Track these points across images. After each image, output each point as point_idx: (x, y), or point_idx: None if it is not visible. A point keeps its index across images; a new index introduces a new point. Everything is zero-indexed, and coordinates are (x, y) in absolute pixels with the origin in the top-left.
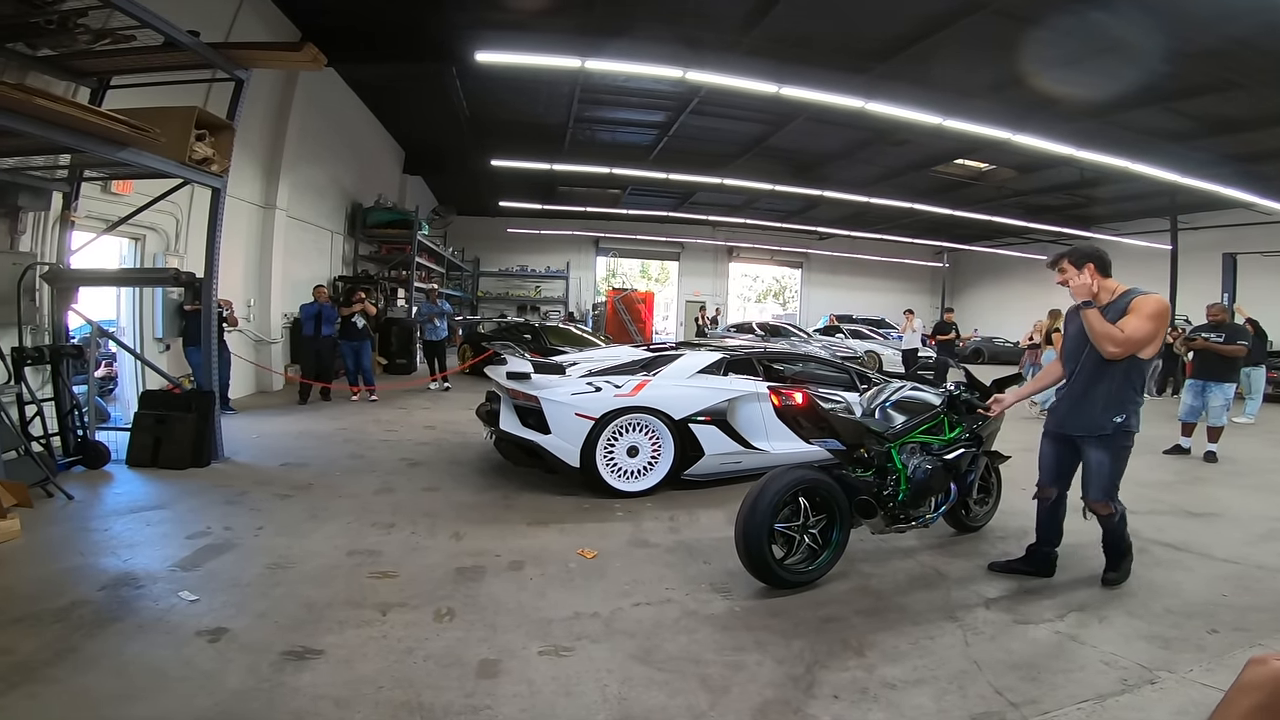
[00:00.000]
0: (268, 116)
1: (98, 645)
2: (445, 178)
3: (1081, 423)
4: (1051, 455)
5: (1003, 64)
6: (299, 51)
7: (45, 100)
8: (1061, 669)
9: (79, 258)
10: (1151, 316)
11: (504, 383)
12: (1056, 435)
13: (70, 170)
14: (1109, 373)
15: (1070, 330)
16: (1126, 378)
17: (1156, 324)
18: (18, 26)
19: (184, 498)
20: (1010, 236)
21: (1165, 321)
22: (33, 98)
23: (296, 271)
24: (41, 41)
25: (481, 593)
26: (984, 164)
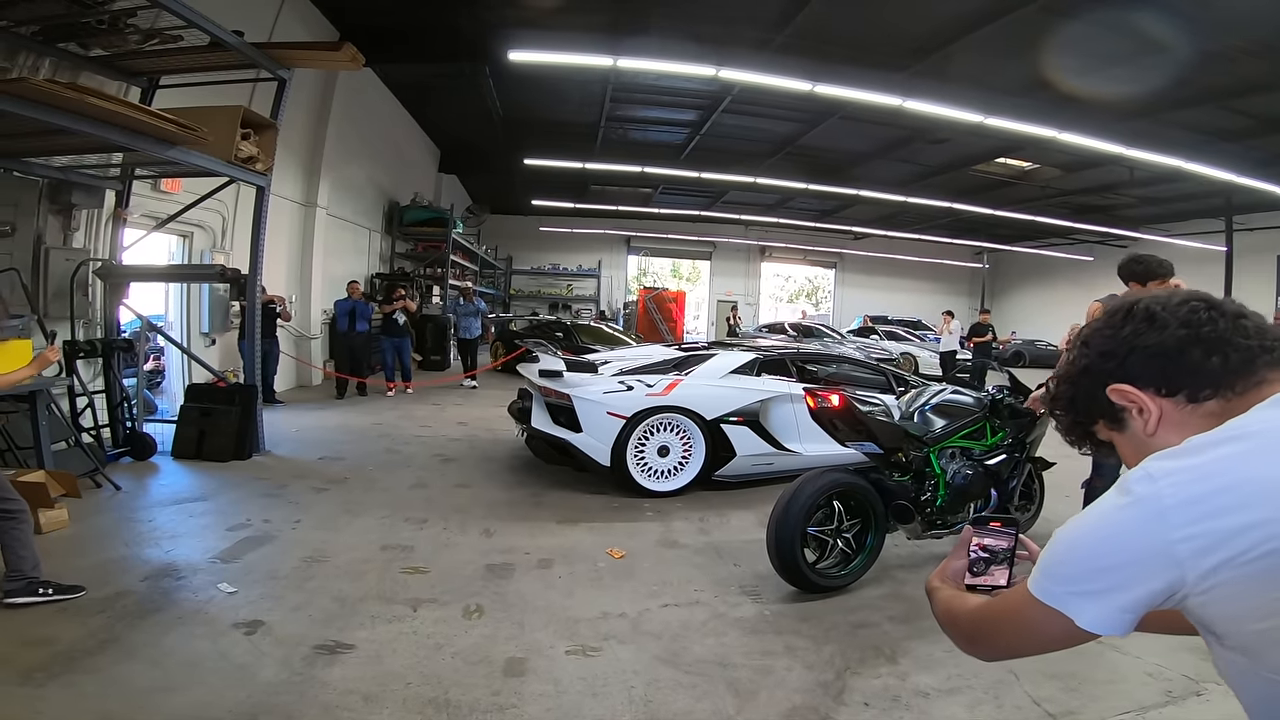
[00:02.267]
0: (308, 116)
1: (139, 635)
2: (479, 177)
3: None
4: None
5: (1046, 61)
6: (339, 51)
7: (97, 99)
8: (1103, 679)
9: (130, 254)
10: None
11: (536, 380)
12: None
13: (122, 169)
14: None
15: None
16: None
17: None
18: (70, 27)
19: (226, 490)
20: (1054, 237)
21: None
22: (84, 96)
23: (335, 268)
24: (93, 42)
25: (510, 590)
26: (1027, 163)
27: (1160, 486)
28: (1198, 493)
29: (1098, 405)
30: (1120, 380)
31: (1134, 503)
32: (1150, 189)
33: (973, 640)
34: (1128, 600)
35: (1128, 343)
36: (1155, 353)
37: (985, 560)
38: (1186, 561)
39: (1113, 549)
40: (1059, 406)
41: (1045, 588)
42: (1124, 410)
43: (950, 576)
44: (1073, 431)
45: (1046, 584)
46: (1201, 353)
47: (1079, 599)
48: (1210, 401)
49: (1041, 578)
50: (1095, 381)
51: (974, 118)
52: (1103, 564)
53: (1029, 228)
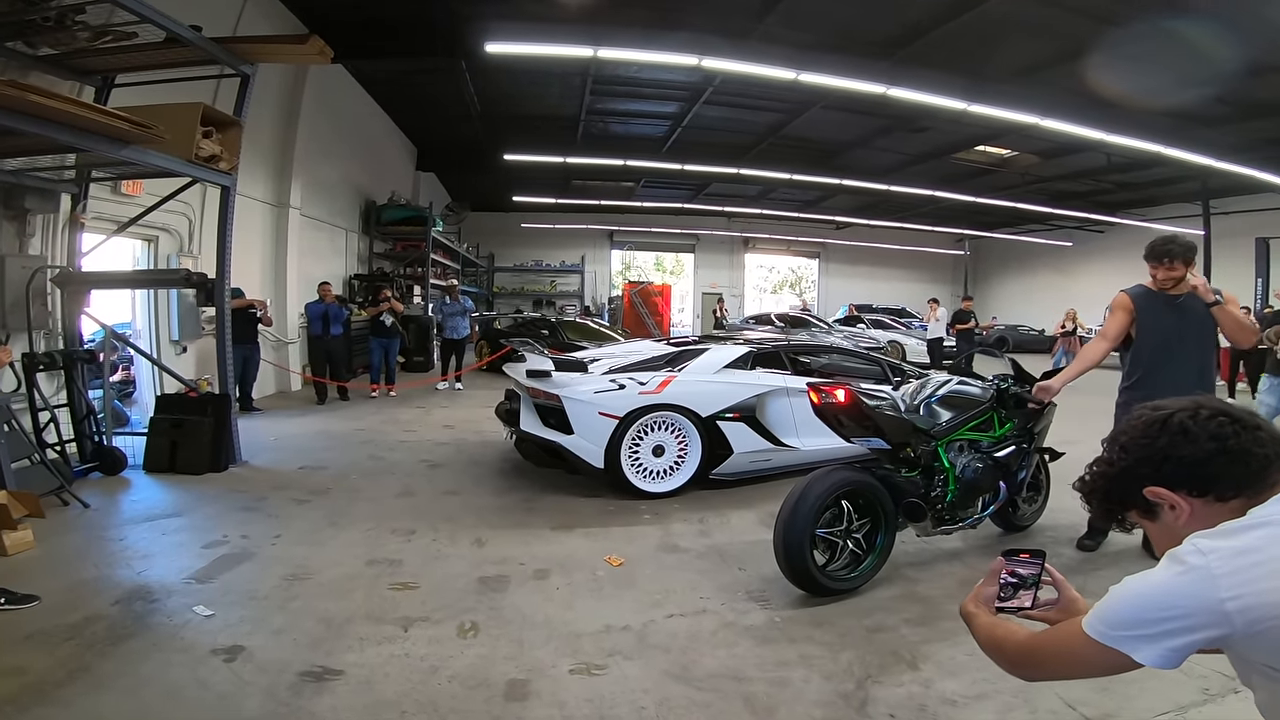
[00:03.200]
0: (278, 114)
1: (111, 664)
2: (458, 173)
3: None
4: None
5: (1028, 49)
6: (305, 45)
7: (40, 97)
8: (1135, 679)
9: (90, 260)
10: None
11: (524, 381)
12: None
13: (77, 171)
14: (1212, 363)
15: (1156, 322)
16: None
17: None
18: (14, 25)
19: (201, 504)
20: (1033, 223)
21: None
22: (26, 94)
23: (312, 270)
24: (40, 40)
25: (506, 604)
26: (1006, 150)
27: (1210, 560)
28: (1241, 564)
29: (1133, 500)
30: (1156, 484)
31: (1188, 570)
32: (1127, 174)
33: (1020, 665)
34: (1181, 644)
35: (1163, 453)
36: (1189, 463)
37: (1014, 586)
38: (1235, 616)
39: (1171, 605)
40: (1095, 497)
41: (1104, 632)
42: (1158, 506)
43: (984, 601)
44: (1104, 516)
45: (1105, 629)
46: (1227, 462)
47: (1138, 642)
48: (1233, 500)
49: (1100, 624)
50: (1134, 482)
51: (957, 105)
52: (1162, 616)
53: (1009, 214)
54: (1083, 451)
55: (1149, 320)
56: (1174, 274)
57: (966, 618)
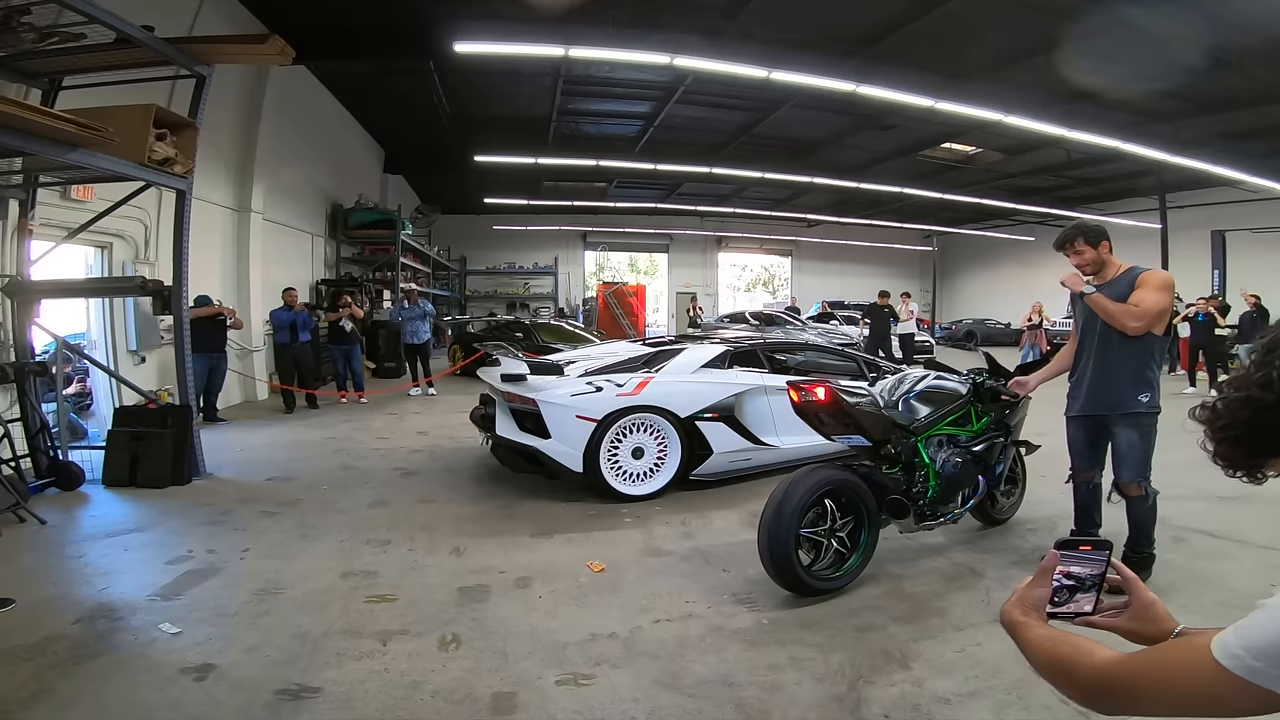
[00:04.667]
0: (238, 117)
1: (75, 685)
2: (428, 176)
3: (1108, 402)
4: (1083, 439)
5: (993, 47)
6: (264, 45)
7: None
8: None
9: (40, 268)
10: (1161, 288)
11: (499, 385)
12: (1083, 418)
13: (24, 175)
14: (1131, 351)
15: (1077, 313)
16: (1149, 354)
17: (1168, 296)
18: None
19: (164, 519)
20: (998, 219)
21: (1173, 294)
22: None
23: (277, 276)
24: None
25: (488, 615)
26: (971, 147)
27: None
28: None
29: None
30: None
31: None
32: (1087, 169)
33: (1099, 696)
34: None
35: None
36: None
37: (1071, 588)
38: None
39: None
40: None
41: (1250, 665)
42: None
43: (1033, 606)
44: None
45: (1252, 659)
46: None
47: None
48: None
49: (1244, 651)
50: None
51: (925, 102)
52: None
53: (975, 210)
54: (1056, 443)
55: (1075, 312)
56: (1083, 258)
57: (1012, 628)
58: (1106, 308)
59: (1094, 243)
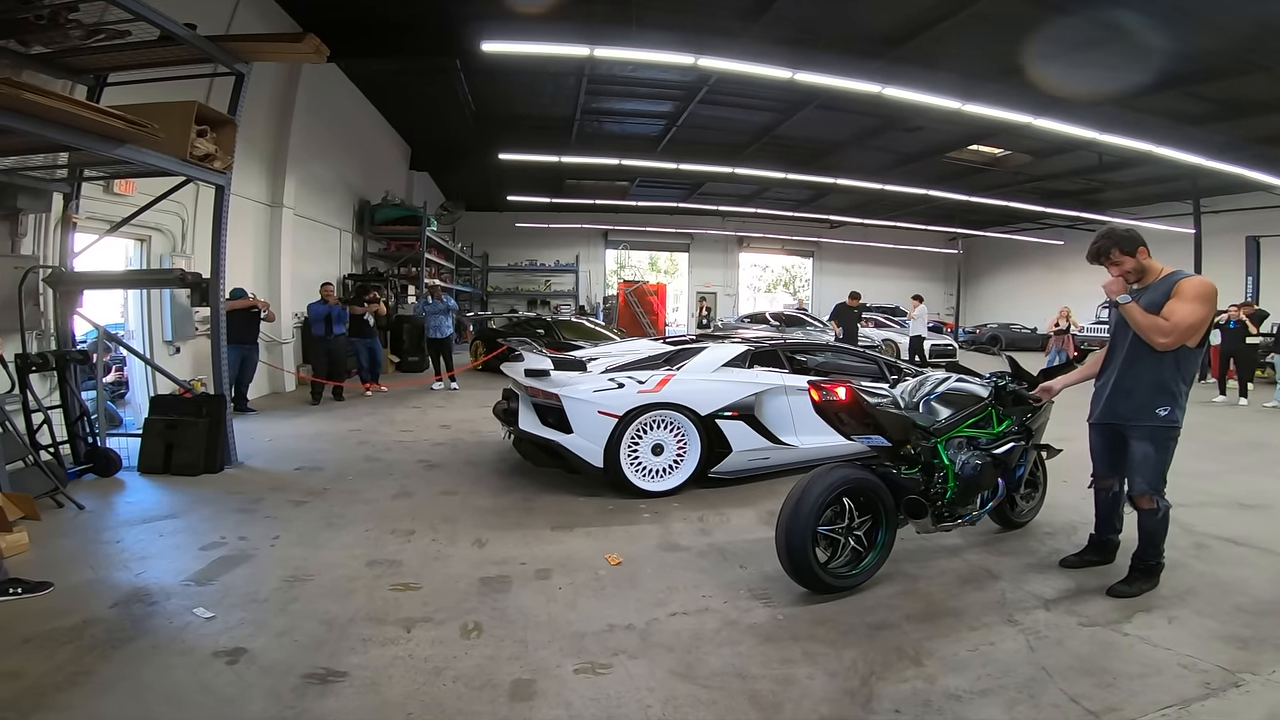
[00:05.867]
0: (272, 114)
1: (112, 668)
2: (452, 173)
3: (1125, 412)
4: (1103, 446)
5: (1022, 48)
6: (300, 43)
7: (34, 95)
8: (1137, 674)
9: (82, 260)
10: (1198, 299)
11: (523, 380)
12: (1103, 425)
13: (70, 170)
14: (1157, 362)
15: (1112, 315)
16: (1176, 367)
17: (1206, 307)
18: (7, 23)
19: (197, 506)
20: (1025, 222)
21: (1214, 304)
22: (19, 92)
23: (306, 270)
24: (33, 38)
25: (509, 605)
26: (999, 149)
27: None
28: None
29: None
30: None
31: None
32: (1119, 173)
33: None
34: None
35: None
36: None
37: None
38: None
39: None
40: None
41: None
42: None
43: None
44: None
45: None
46: None
47: None
48: None
49: None
50: None
51: (952, 104)
52: None
53: (1001, 213)
54: (1079, 449)
55: (1111, 316)
56: (1123, 268)
57: None
58: (1136, 319)
59: (1130, 251)
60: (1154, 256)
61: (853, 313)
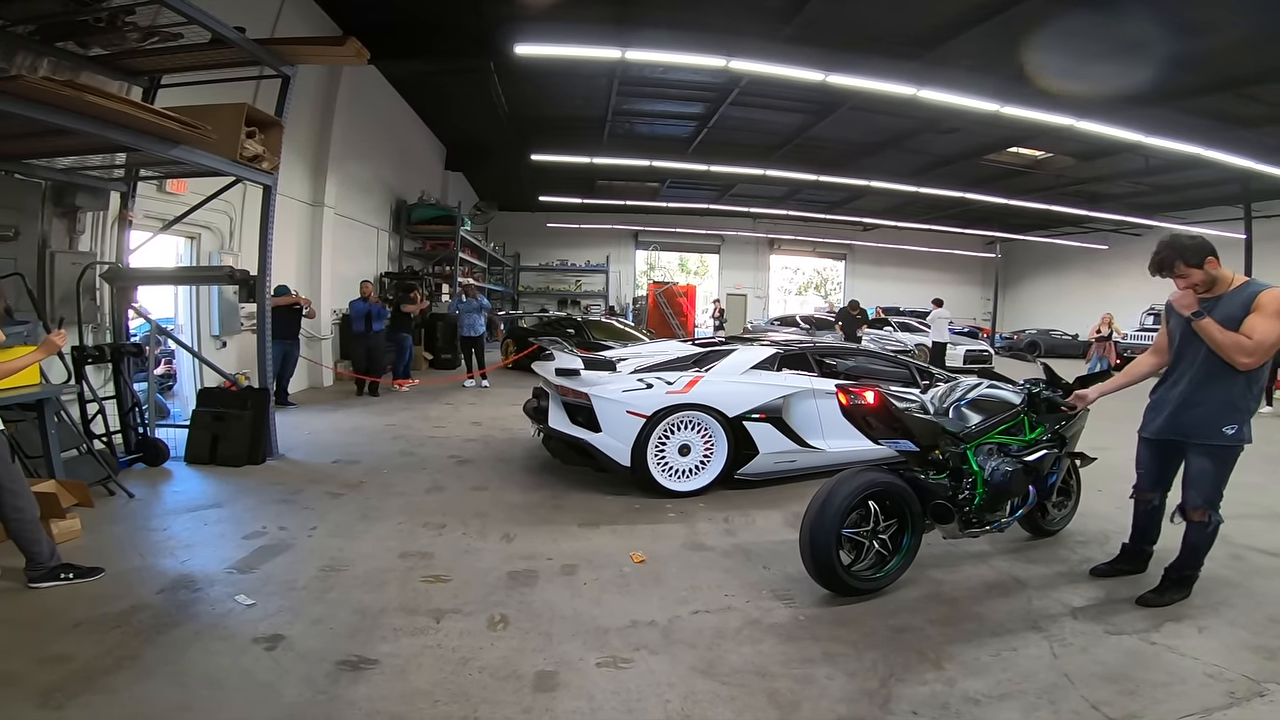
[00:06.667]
0: (313, 115)
1: (157, 652)
2: (486, 173)
3: (1190, 429)
4: (1152, 460)
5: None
6: (343, 46)
7: (96, 97)
8: (1161, 682)
9: (137, 257)
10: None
11: (553, 379)
12: (1158, 441)
13: (126, 170)
14: (1231, 379)
15: (1175, 326)
16: (1248, 385)
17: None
18: (68, 25)
19: (240, 496)
20: (1068, 225)
21: None
22: (83, 94)
23: (345, 268)
24: (92, 40)
25: (535, 598)
26: (1040, 151)
27: None
28: None
29: None
30: None
31: None
32: (1166, 176)
33: None
34: None
35: None
36: None
37: None
38: None
39: None
40: None
41: None
42: None
43: None
44: None
45: None
46: None
47: None
48: None
49: None
50: None
51: (989, 107)
52: None
53: (1042, 217)
54: (1115, 458)
55: (1171, 326)
56: (1191, 280)
57: None
58: (1215, 338)
59: (1197, 262)
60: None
61: (855, 319)
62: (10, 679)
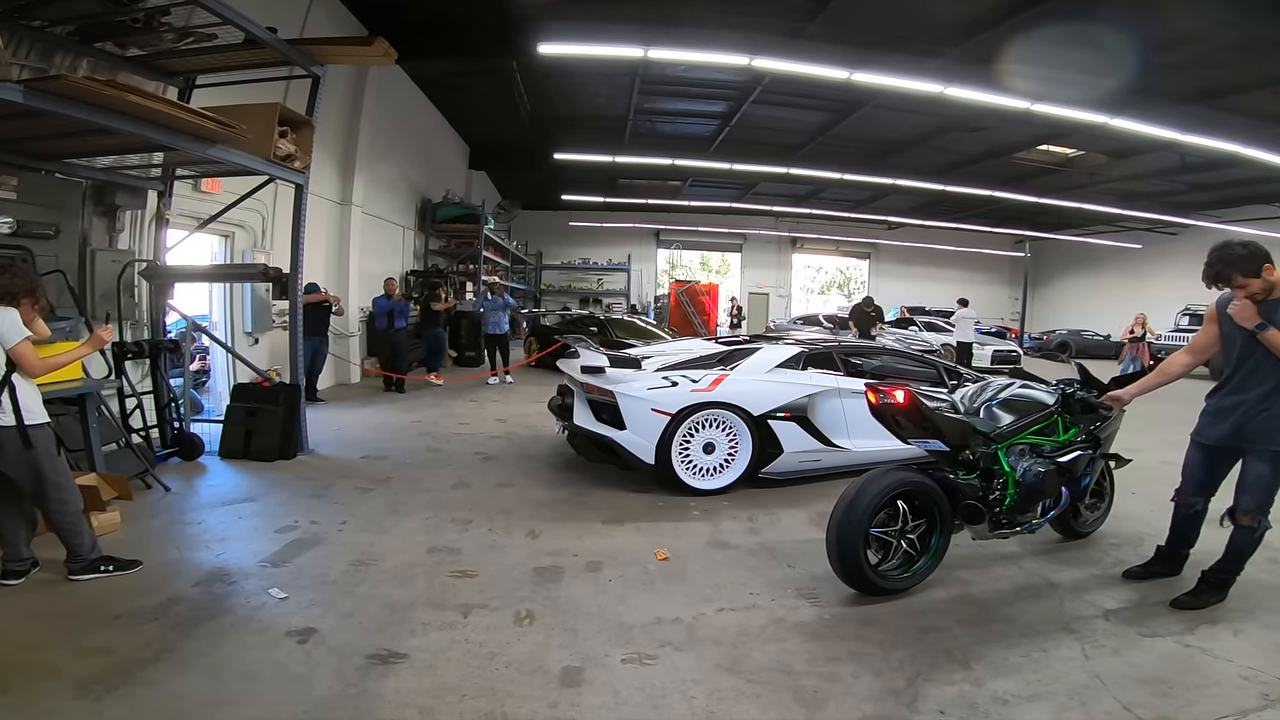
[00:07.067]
0: (341, 115)
1: (193, 645)
2: (509, 172)
3: (1255, 436)
4: (1202, 465)
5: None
6: (371, 46)
7: (137, 97)
8: (1195, 684)
9: (173, 255)
10: None
11: (579, 377)
12: (1214, 448)
13: (163, 169)
14: None
15: (1232, 333)
16: None
17: None
18: (106, 26)
19: (272, 490)
20: (1101, 224)
21: None
22: (125, 94)
23: (372, 266)
24: (130, 41)
25: (561, 595)
26: (1071, 150)
27: None
28: None
29: None
30: None
31: None
32: (1203, 175)
33: None
34: None
35: None
36: None
37: None
38: None
39: None
40: None
41: None
42: None
43: None
44: None
45: None
46: None
47: None
48: None
49: None
50: None
51: (1019, 104)
52: None
53: (1073, 215)
54: (1150, 460)
55: (1227, 332)
56: (1249, 289)
57: None
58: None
59: (1254, 271)
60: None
61: (869, 316)
62: (51, 671)
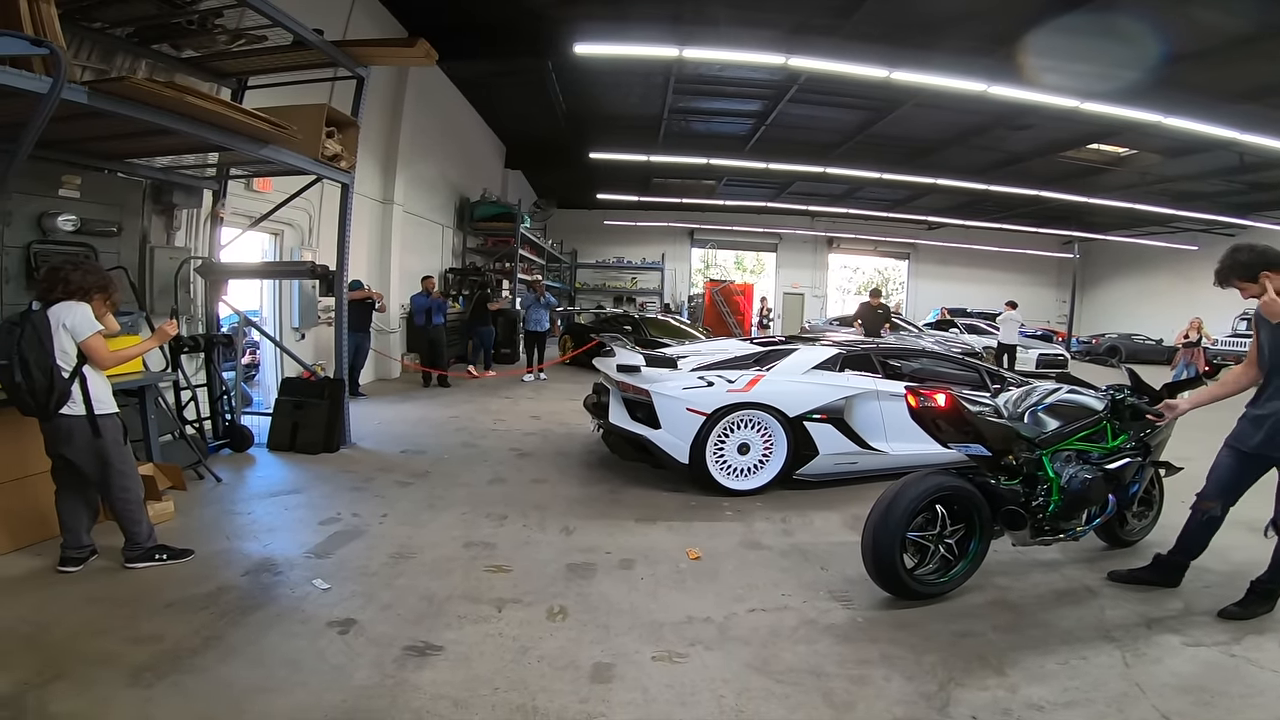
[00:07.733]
0: (383, 115)
1: (240, 633)
2: (544, 171)
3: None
4: (1230, 471)
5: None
6: (413, 47)
7: (196, 98)
8: (1238, 694)
9: (226, 252)
10: None
11: (614, 375)
12: (1249, 455)
13: (218, 169)
14: None
15: (1266, 337)
16: None
17: None
18: (162, 28)
19: (317, 483)
20: (1153, 225)
21: None
22: (184, 95)
23: (412, 264)
24: (185, 43)
25: (593, 591)
26: (1124, 148)
27: None
28: None
29: None
30: None
31: None
32: (1263, 174)
33: None
34: None
35: None
36: None
37: None
38: None
39: None
40: None
41: None
42: None
43: None
44: None
45: None
46: None
47: None
48: None
49: None
50: None
51: (1067, 102)
52: None
53: (1125, 216)
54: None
55: (1265, 335)
56: (1248, 294)
57: None
58: None
59: (1250, 277)
60: None
61: (876, 313)
62: (106, 658)
